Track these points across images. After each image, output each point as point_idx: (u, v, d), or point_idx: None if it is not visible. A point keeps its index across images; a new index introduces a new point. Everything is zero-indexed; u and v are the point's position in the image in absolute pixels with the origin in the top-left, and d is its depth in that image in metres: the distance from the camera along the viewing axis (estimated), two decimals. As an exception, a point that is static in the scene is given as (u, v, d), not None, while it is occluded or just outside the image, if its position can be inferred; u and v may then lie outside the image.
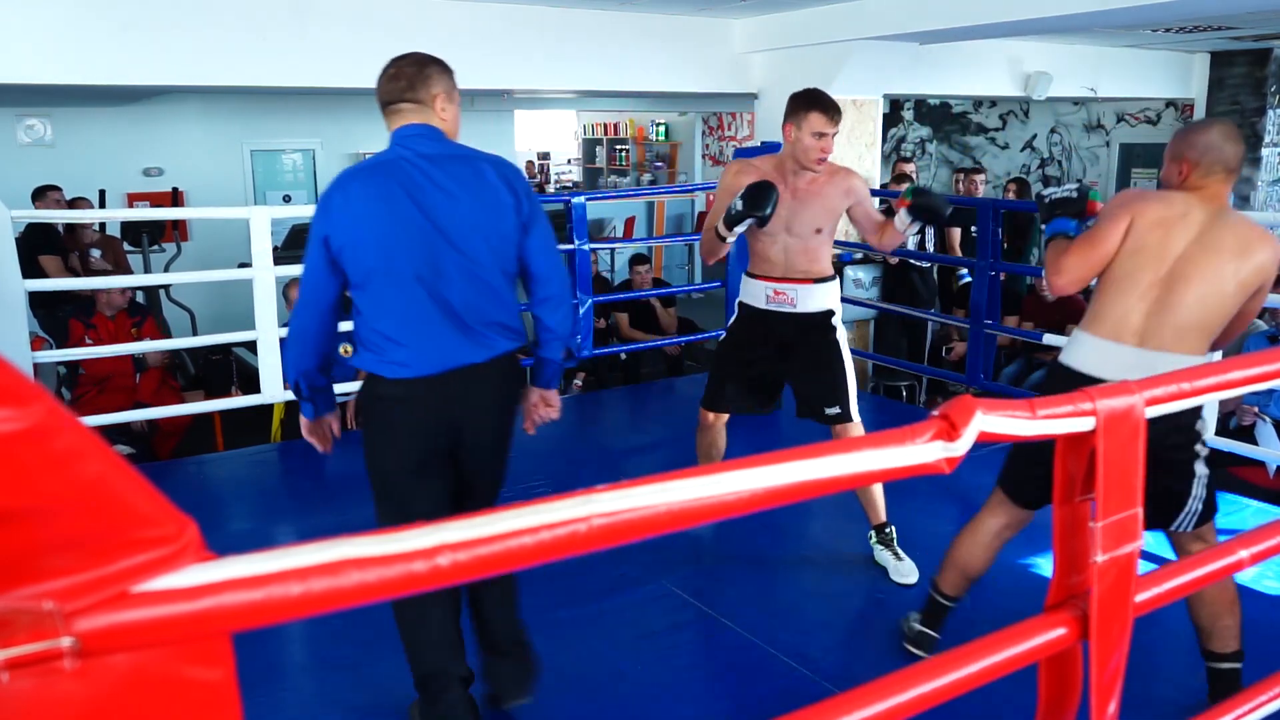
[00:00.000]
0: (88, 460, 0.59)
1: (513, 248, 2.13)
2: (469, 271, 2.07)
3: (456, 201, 2.05)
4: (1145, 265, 2.20)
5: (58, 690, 0.60)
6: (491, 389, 2.16)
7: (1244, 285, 2.16)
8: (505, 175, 2.13)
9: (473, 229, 2.06)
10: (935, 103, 10.65)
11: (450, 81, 2.15)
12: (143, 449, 4.80)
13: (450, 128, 2.15)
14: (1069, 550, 1.18)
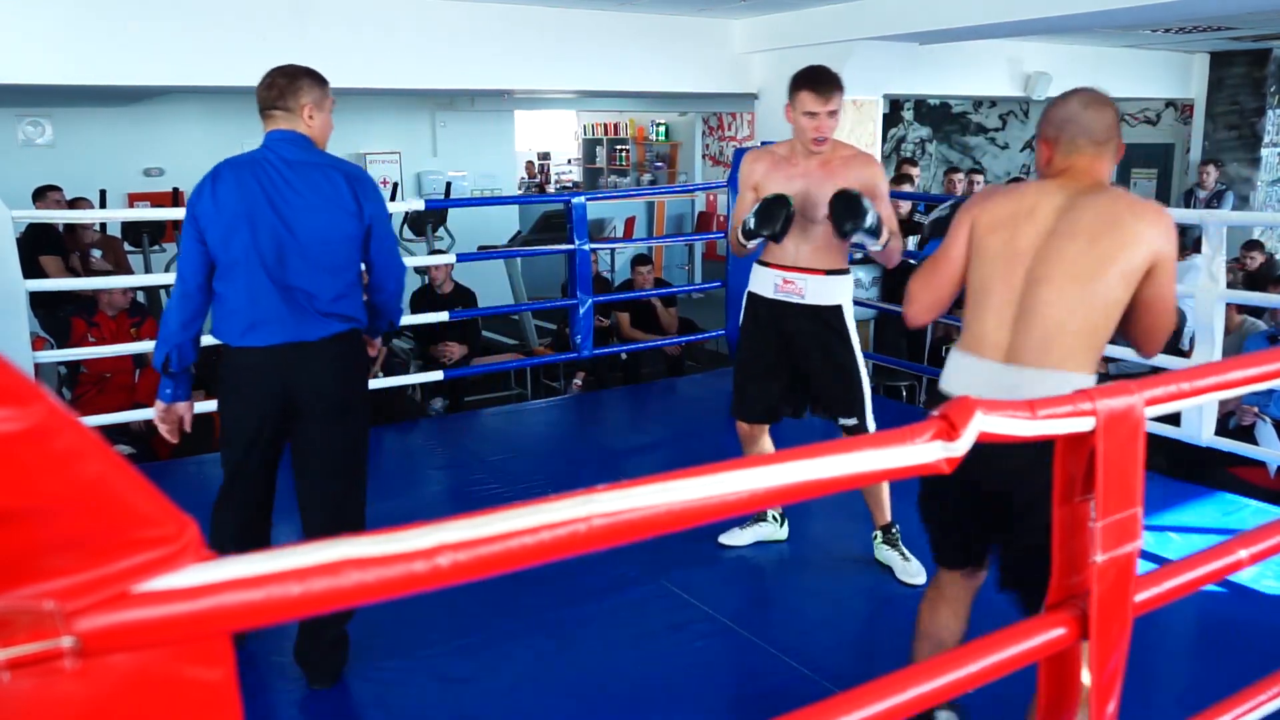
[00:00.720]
0: (88, 460, 0.59)
1: (354, 248, 2.44)
2: (309, 263, 2.37)
3: (305, 202, 2.37)
4: (994, 273, 1.88)
5: (58, 690, 0.60)
6: (322, 364, 2.43)
7: (1128, 271, 1.76)
8: (354, 184, 2.44)
9: (315, 228, 2.37)
10: (935, 103, 10.65)
11: (320, 92, 2.47)
12: (143, 449, 4.80)
13: (317, 134, 2.48)
14: (1068, 550, 1.18)
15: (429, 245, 8.40)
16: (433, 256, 5.93)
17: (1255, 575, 3.02)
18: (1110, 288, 1.77)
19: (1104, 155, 1.95)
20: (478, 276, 6.43)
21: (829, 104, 2.80)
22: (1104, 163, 1.96)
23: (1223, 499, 3.76)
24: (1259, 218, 7.76)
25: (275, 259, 2.35)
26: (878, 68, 5.90)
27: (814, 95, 2.79)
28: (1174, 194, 9.26)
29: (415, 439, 4.64)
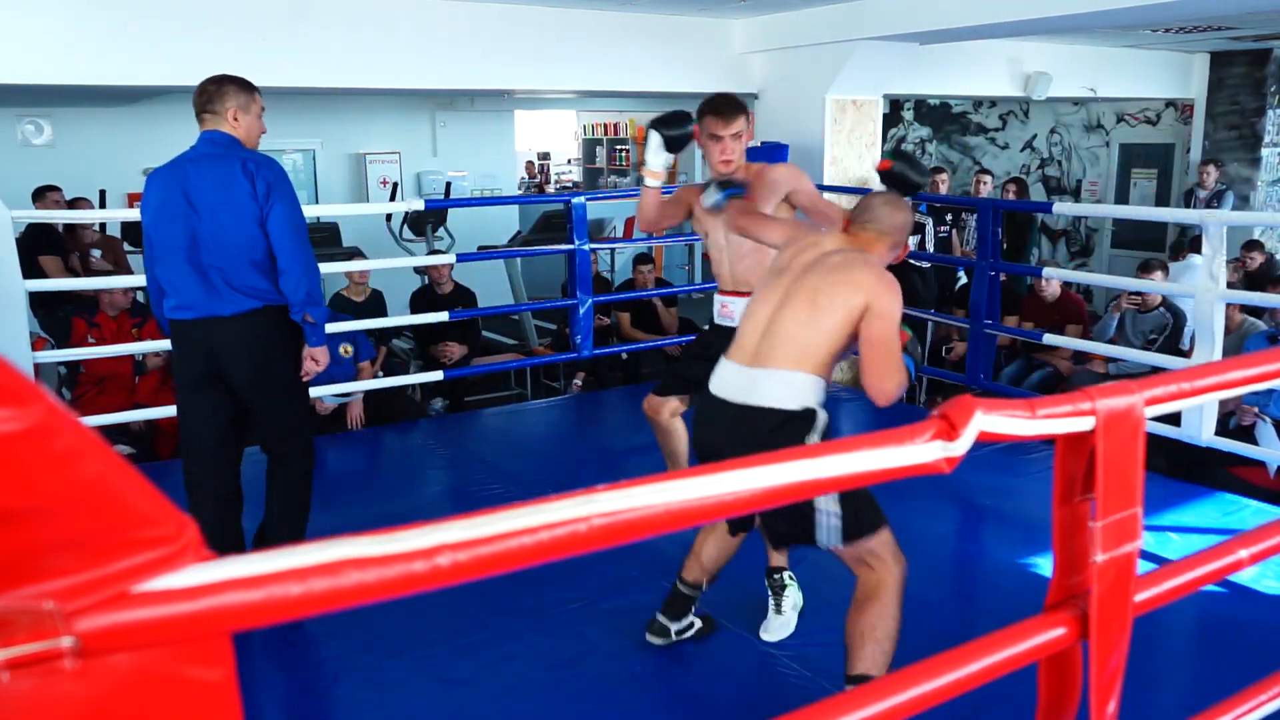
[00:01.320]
0: (88, 460, 0.59)
1: (254, 227, 2.73)
2: (217, 245, 2.71)
3: (212, 191, 2.72)
4: (765, 285, 2.37)
5: (58, 690, 0.60)
6: (238, 335, 2.77)
7: (849, 308, 2.18)
8: (251, 170, 2.74)
9: (218, 212, 2.71)
10: (935, 103, 10.65)
11: (246, 98, 2.80)
12: (143, 449, 4.79)
13: (244, 134, 2.80)
14: (1069, 550, 1.18)
15: (429, 245, 8.39)
16: (433, 256, 5.92)
17: (1255, 575, 3.02)
18: (832, 316, 2.19)
19: (882, 241, 2.36)
20: (478, 276, 6.43)
21: (734, 126, 2.88)
22: (879, 246, 2.36)
23: (1223, 499, 3.76)
24: (1259, 218, 7.76)
25: (190, 243, 2.72)
26: (878, 68, 5.90)
27: (716, 119, 2.88)
28: (1174, 194, 9.25)
29: (415, 439, 4.63)
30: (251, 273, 2.74)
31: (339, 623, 2.65)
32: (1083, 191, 10.10)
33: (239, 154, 2.75)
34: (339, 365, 4.84)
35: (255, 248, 2.73)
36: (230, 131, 2.77)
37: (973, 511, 3.74)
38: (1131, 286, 5.19)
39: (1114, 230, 9.85)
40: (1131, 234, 9.65)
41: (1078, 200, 9.97)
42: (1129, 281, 5.12)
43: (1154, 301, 5.34)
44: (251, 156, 2.77)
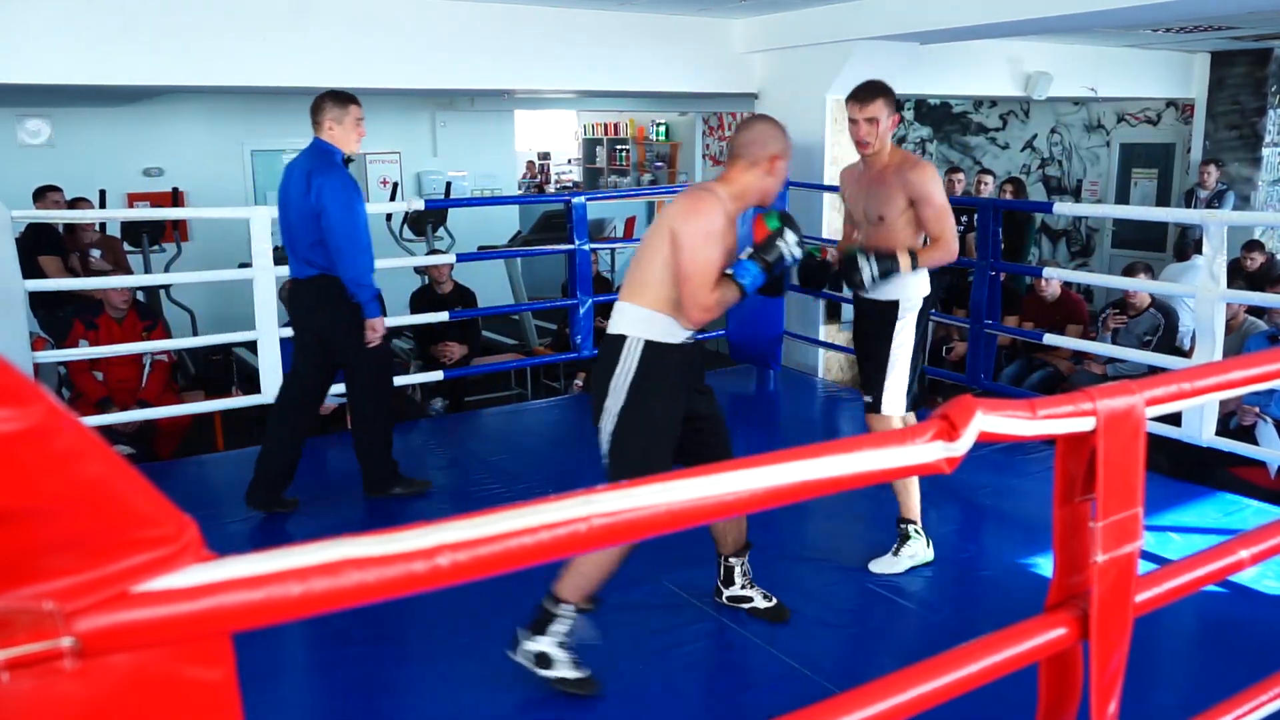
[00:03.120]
0: (88, 460, 0.59)
1: (310, 219, 3.44)
2: (292, 226, 3.52)
3: (290, 187, 3.50)
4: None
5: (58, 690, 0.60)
6: (306, 295, 3.61)
7: (667, 237, 2.38)
8: (309, 172, 3.43)
9: (291, 203, 3.50)
10: (935, 103, 10.65)
11: (340, 110, 3.44)
12: (143, 449, 4.78)
13: (339, 141, 3.47)
14: (1069, 550, 1.18)
15: (429, 245, 8.39)
16: (433, 256, 5.92)
17: (1256, 575, 3.02)
18: (652, 251, 2.40)
19: (735, 166, 2.49)
20: (478, 276, 6.43)
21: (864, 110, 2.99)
22: (733, 171, 2.49)
23: (1223, 499, 3.76)
24: (1260, 218, 7.76)
25: (285, 224, 3.55)
26: (878, 68, 5.87)
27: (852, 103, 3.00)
28: (1175, 194, 9.25)
29: (415, 439, 4.63)
30: (312, 249, 3.47)
31: (339, 623, 2.65)
32: (1083, 191, 10.10)
33: (315, 162, 3.43)
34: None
35: (311, 232, 3.45)
36: (327, 139, 3.45)
37: (973, 511, 3.74)
38: (1131, 286, 5.19)
39: (1114, 230, 9.85)
40: (1132, 234, 9.65)
41: (1078, 200, 9.96)
42: (1129, 281, 5.12)
43: (1143, 304, 5.35)
44: (319, 166, 3.42)
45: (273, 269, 4.23)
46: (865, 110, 2.99)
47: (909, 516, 3.17)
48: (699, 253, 2.33)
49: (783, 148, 2.51)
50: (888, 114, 3.00)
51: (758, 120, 2.56)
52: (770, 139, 2.49)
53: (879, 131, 3.00)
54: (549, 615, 2.43)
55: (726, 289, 2.38)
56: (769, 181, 2.49)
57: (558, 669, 2.43)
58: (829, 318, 6.19)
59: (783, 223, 2.42)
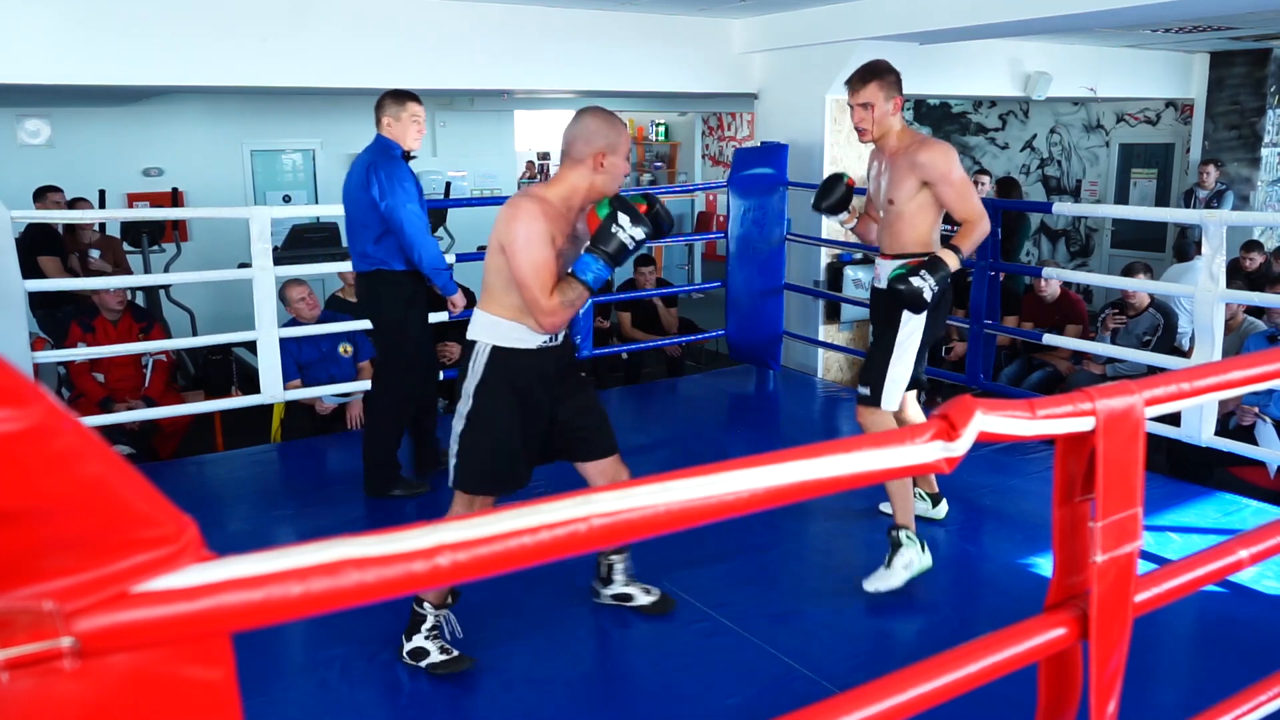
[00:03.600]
0: (88, 460, 0.59)
1: (369, 212, 3.56)
2: (353, 220, 3.66)
3: (352, 181, 3.64)
4: None
5: (58, 690, 0.60)
6: (361, 290, 3.86)
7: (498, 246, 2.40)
8: (369, 166, 3.54)
9: (352, 198, 3.64)
10: (935, 103, 10.65)
11: (397, 107, 3.57)
12: (143, 449, 4.78)
13: (397, 137, 3.58)
14: (1069, 550, 1.18)
15: (429, 245, 8.39)
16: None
17: (1255, 575, 3.02)
18: (495, 257, 2.43)
19: (565, 163, 2.46)
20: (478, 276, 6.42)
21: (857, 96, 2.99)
22: (563, 170, 2.47)
23: (1223, 499, 3.76)
24: (1259, 218, 7.76)
25: (346, 219, 3.70)
26: (878, 68, 5.89)
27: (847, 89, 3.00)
28: (1174, 194, 9.25)
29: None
30: (368, 244, 3.59)
31: (339, 623, 2.65)
32: (1082, 191, 10.10)
33: (375, 157, 3.55)
34: (339, 365, 4.84)
35: (369, 226, 3.58)
36: (385, 134, 3.58)
37: (973, 511, 3.74)
38: (1131, 286, 5.20)
39: (1114, 230, 9.85)
40: (1131, 234, 9.65)
41: (1077, 200, 9.96)
42: (1128, 281, 5.12)
43: (1142, 304, 5.36)
44: (378, 161, 3.53)
45: (272, 269, 4.23)
46: (858, 95, 2.95)
47: (901, 522, 3.00)
48: (526, 259, 2.32)
49: (610, 142, 2.42)
50: (884, 97, 2.94)
51: (585, 115, 2.45)
52: (595, 135, 2.42)
53: (874, 116, 2.95)
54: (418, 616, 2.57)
55: (568, 289, 2.37)
56: (598, 178, 2.43)
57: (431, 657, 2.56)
58: (829, 318, 6.19)
59: (613, 207, 2.36)
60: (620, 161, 2.45)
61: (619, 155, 2.44)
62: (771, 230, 5.64)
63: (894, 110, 2.97)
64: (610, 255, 2.35)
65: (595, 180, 2.43)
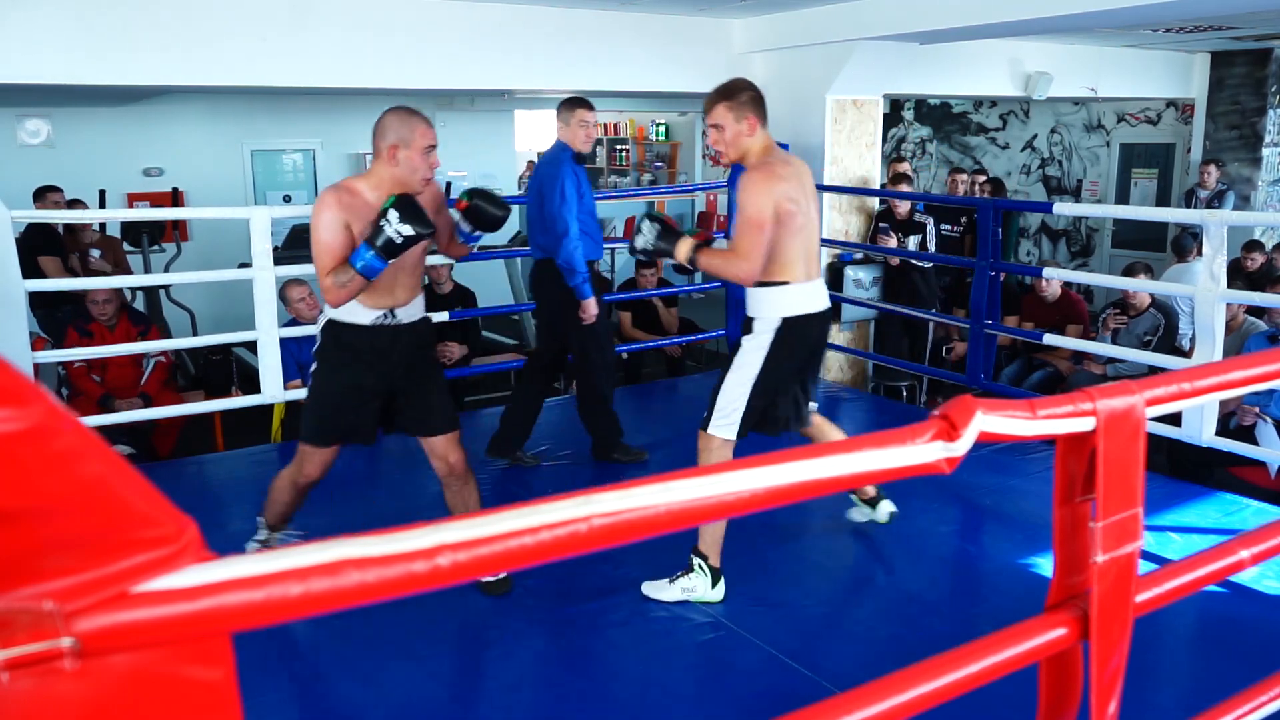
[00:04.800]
0: (88, 460, 0.59)
1: (535, 209, 3.91)
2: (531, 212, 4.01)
3: (532, 178, 4.02)
4: None
5: (58, 690, 0.60)
6: (535, 276, 4.14)
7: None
8: (540, 165, 3.96)
9: (531, 193, 4.00)
10: (935, 103, 10.65)
11: (566, 113, 3.88)
12: (143, 449, 4.78)
13: (568, 140, 3.89)
14: (1069, 550, 1.18)
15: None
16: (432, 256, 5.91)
17: (1256, 575, 3.02)
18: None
19: (372, 161, 2.70)
20: (478, 276, 6.42)
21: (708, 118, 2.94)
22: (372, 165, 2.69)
23: (1223, 499, 3.76)
24: (1260, 218, 7.76)
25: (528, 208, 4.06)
26: (878, 68, 5.89)
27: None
28: (1175, 194, 9.25)
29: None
30: (538, 234, 3.91)
31: (339, 622, 2.65)
32: (1083, 191, 10.10)
33: (548, 156, 3.88)
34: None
35: (536, 220, 3.92)
36: (560, 137, 3.90)
37: (973, 511, 3.74)
38: (1131, 286, 5.19)
39: (1114, 230, 9.85)
40: (1132, 234, 9.65)
41: (1078, 200, 9.96)
42: (1128, 281, 5.12)
43: (1143, 304, 5.36)
44: (548, 159, 3.86)
45: (272, 269, 4.23)
46: (709, 117, 2.87)
47: (703, 549, 2.89)
48: (314, 241, 2.60)
49: (401, 136, 2.61)
50: (735, 118, 2.83)
51: (385, 112, 2.66)
52: (388, 129, 2.62)
53: (725, 139, 2.84)
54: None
55: (342, 272, 2.57)
56: (397, 170, 2.63)
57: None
58: (829, 318, 6.18)
59: (391, 205, 2.53)
60: (413, 155, 2.63)
61: (413, 149, 2.63)
62: (772, 230, 5.64)
63: (749, 131, 2.85)
64: (378, 248, 2.53)
65: (396, 172, 2.64)
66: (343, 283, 2.58)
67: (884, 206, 6.31)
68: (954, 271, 6.39)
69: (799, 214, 2.78)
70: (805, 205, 2.83)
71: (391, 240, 2.51)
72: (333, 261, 2.59)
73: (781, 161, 2.87)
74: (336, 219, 2.58)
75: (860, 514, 3.39)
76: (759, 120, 2.88)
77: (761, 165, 2.82)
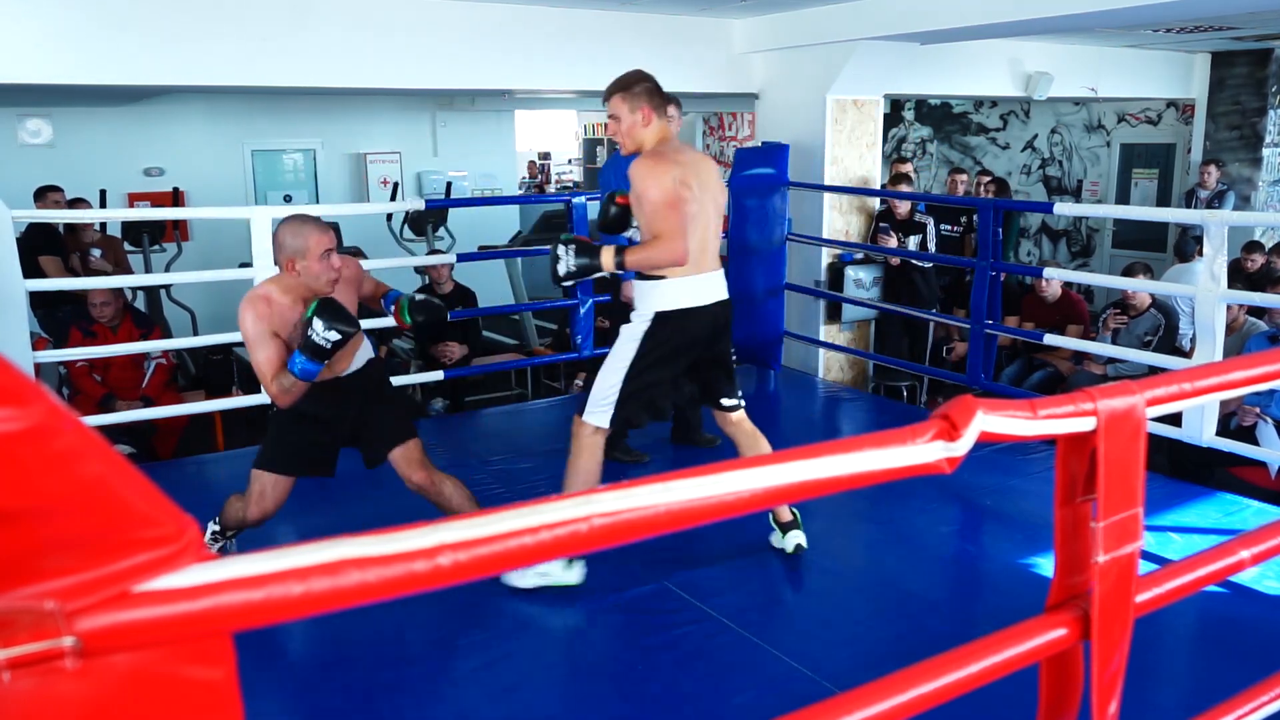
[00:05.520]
0: (88, 460, 0.59)
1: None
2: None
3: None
4: None
5: (59, 690, 0.60)
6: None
7: None
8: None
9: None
10: (936, 103, 10.65)
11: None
12: (143, 449, 4.78)
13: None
14: (1070, 550, 1.18)
15: (429, 245, 8.40)
16: (433, 256, 5.92)
17: (1256, 576, 3.02)
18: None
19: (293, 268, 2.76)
20: (478, 276, 6.43)
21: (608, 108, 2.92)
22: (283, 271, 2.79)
23: (1224, 499, 3.75)
24: (1260, 218, 7.75)
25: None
26: (878, 68, 5.89)
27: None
28: (1175, 194, 9.25)
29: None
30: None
31: (339, 622, 2.65)
32: (1083, 191, 10.10)
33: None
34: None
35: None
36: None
37: (973, 511, 3.74)
38: (1131, 286, 5.19)
39: (1115, 230, 9.85)
40: (1132, 234, 9.65)
41: (1079, 200, 9.96)
42: (1129, 282, 5.12)
43: (1143, 304, 5.36)
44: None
45: (273, 269, 4.22)
46: (607, 107, 2.90)
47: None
48: (252, 356, 2.70)
49: (295, 249, 2.69)
50: (629, 109, 2.84)
51: (279, 225, 2.76)
52: (282, 244, 2.72)
53: (621, 129, 2.87)
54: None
55: (284, 377, 2.67)
56: (301, 280, 2.72)
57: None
58: (830, 318, 6.19)
59: (314, 313, 2.59)
60: (311, 264, 2.70)
61: (309, 259, 2.69)
62: (772, 230, 5.64)
63: (644, 122, 2.86)
64: (310, 354, 2.60)
65: (301, 280, 2.73)
66: (286, 388, 2.68)
67: (884, 206, 6.31)
68: (954, 271, 6.39)
69: (691, 201, 2.81)
70: (699, 194, 2.85)
71: (321, 347, 2.58)
72: (272, 370, 2.67)
73: (675, 150, 2.92)
74: (263, 331, 2.68)
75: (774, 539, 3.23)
76: (654, 111, 2.89)
77: (651, 152, 2.86)
